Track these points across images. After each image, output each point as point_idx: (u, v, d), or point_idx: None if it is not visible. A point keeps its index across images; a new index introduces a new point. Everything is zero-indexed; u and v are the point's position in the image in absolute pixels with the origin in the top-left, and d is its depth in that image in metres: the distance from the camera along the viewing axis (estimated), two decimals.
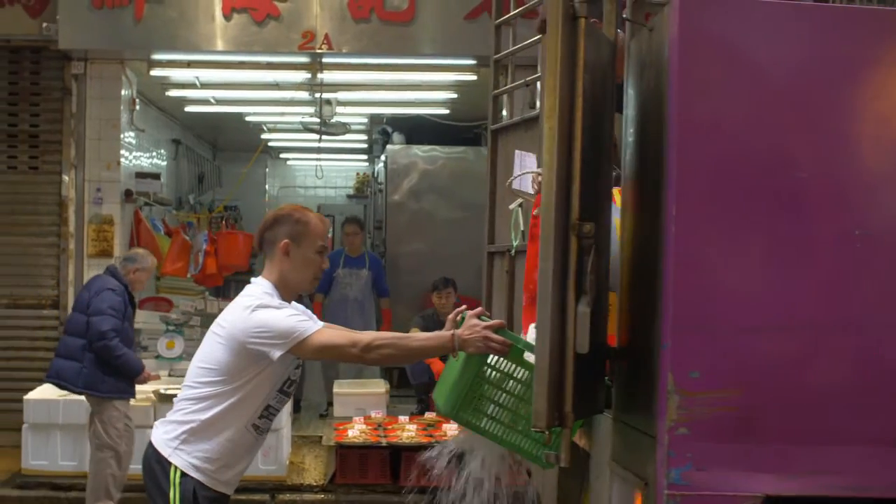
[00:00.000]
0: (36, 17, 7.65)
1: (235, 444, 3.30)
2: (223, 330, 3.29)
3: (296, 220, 3.37)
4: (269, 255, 3.39)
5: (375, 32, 7.66)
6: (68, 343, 6.01)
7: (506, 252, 4.45)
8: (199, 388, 3.29)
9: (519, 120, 4.51)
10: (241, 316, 3.24)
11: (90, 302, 5.96)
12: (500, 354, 3.18)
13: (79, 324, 5.99)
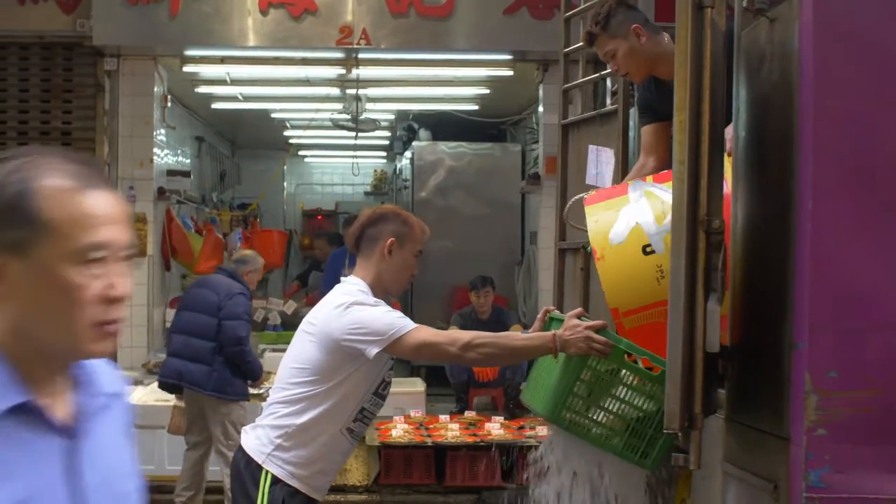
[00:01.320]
0: (70, 13, 7.55)
1: (330, 448, 3.21)
2: (315, 328, 3.20)
3: (402, 220, 3.30)
4: (365, 253, 3.31)
5: (413, 27, 7.58)
6: (194, 345, 5.87)
7: (580, 249, 4.37)
8: (291, 389, 3.19)
9: (594, 114, 4.42)
10: (336, 313, 3.16)
11: (222, 305, 5.88)
12: (602, 356, 3.11)
13: (206, 326, 5.88)
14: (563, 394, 3.20)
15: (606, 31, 3.58)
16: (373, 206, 3.46)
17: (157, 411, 6.68)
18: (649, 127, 3.69)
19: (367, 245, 3.28)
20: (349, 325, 3.11)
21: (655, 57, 3.58)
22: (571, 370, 3.19)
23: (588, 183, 4.39)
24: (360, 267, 3.32)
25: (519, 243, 10.41)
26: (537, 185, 8.09)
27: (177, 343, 5.95)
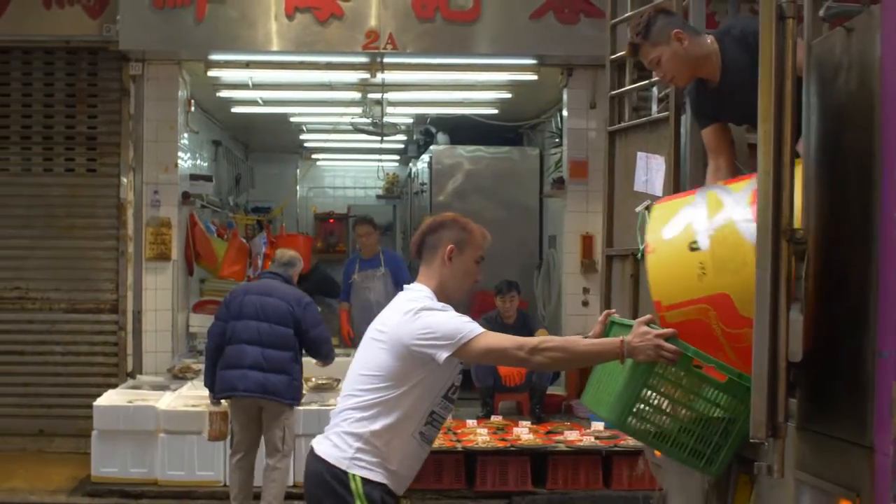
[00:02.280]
0: (96, 17, 7.56)
1: (404, 453, 3.22)
2: (385, 335, 3.21)
3: (461, 227, 3.31)
4: (427, 261, 3.34)
5: (439, 32, 7.59)
6: (271, 356, 5.81)
7: (629, 256, 4.37)
8: (363, 395, 3.21)
9: (644, 121, 4.42)
10: (405, 319, 3.17)
11: (299, 315, 5.90)
12: (670, 363, 3.12)
13: (283, 336, 5.86)
14: (630, 400, 3.20)
15: (648, 39, 3.58)
16: (437, 217, 3.44)
17: (188, 417, 6.68)
18: (709, 129, 3.70)
19: (429, 253, 3.31)
20: (419, 331, 3.12)
21: (699, 59, 3.59)
22: (638, 376, 3.19)
23: (636, 189, 4.40)
24: (423, 274, 3.35)
25: (537, 247, 10.41)
26: (562, 189, 8.10)
27: (252, 355, 5.81)
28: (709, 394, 3.22)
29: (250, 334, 5.90)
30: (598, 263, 7.96)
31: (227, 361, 5.88)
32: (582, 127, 8.05)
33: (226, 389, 5.86)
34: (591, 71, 8.00)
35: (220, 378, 5.89)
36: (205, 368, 6.09)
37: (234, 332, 5.91)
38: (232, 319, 5.96)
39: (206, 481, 6.69)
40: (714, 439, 3.27)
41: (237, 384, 5.81)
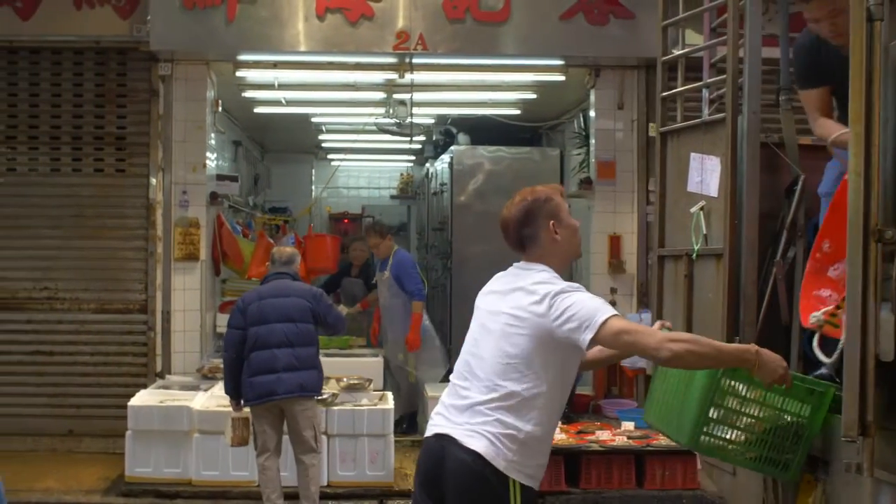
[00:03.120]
0: (126, 18, 7.55)
1: (546, 443, 3.23)
2: (522, 321, 3.13)
3: (544, 200, 3.33)
4: (533, 247, 3.30)
5: (469, 33, 7.59)
6: (302, 354, 5.95)
7: (682, 256, 4.39)
8: (509, 387, 3.12)
9: (699, 122, 4.44)
10: (545, 304, 3.09)
11: (315, 308, 6.05)
12: (788, 386, 3.12)
13: (309, 334, 6.02)
14: (700, 418, 3.25)
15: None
16: (508, 208, 3.42)
17: (220, 417, 6.67)
18: (820, 91, 3.77)
19: (532, 241, 3.30)
20: (562, 315, 3.05)
21: None
22: (706, 394, 3.21)
23: (690, 190, 4.41)
24: (537, 257, 3.29)
25: None
26: (589, 189, 8.10)
27: (284, 358, 5.89)
28: (775, 401, 3.25)
29: (278, 338, 5.96)
30: (626, 263, 8.04)
31: (258, 367, 5.91)
32: (609, 128, 8.06)
33: (263, 395, 5.89)
34: (618, 72, 8.02)
35: (251, 384, 5.92)
36: (225, 377, 6.11)
37: (259, 337, 5.96)
38: (252, 325, 6.00)
39: (241, 481, 6.70)
40: (786, 444, 3.31)
41: (275, 389, 5.86)
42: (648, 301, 7.96)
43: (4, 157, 7.82)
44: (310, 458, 6.06)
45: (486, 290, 3.46)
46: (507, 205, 3.42)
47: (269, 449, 6.03)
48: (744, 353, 3.04)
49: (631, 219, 8.03)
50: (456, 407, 3.22)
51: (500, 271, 3.81)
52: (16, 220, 7.83)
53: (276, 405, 5.94)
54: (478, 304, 3.45)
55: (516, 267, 3.35)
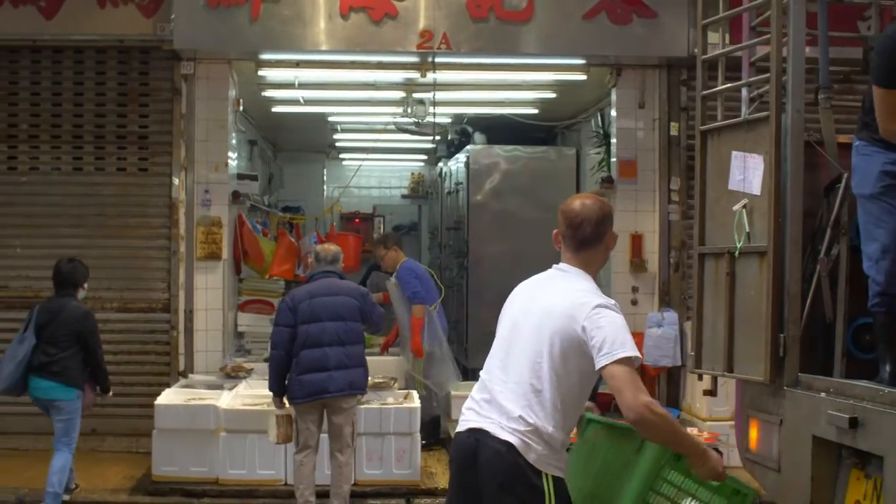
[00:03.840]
0: (150, 16, 7.56)
1: (567, 442, 3.23)
2: (559, 325, 3.13)
3: (611, 211, 3.37)
4: (591, 249, 3.30)
5: (493, 32, 7.60)
6: (352, 353, 5.99)
7: (724, 254, 4.40)
8: (536, 385, 3.14)
9: (742, 120, 4.45)
10: (583, 313, 3.09)
11: (363, 307, 6.10)
12: (722, 480, 3.17)
13: (357, 332, 6.08)
14: (637, 500, 3.33)
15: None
16: (585, 203, 3.32)
17: (249, 416, 6.69)
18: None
19: (594, 244, 3.29)
20: (595, 329, 3.06)
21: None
22: (647, 478, 3.32)
23: (731, 188, 4.42)
24: (579, 259, 3.30)
25: None
26: (610, 188, 8.11)
27: (335, 356, 5.92)
28: (704, 496, 3.25)
29: (330, 336, 5.99)
30: (648, 262, 8.05)
31: (309, 365, 5.92)
32: (630, 127, 8.08)
33: (315, 393, 5.92)
34: (639, 71, 8.04)
35: (300, 382, 5.93)
36: (271, 374, 6.10)
37: (311, 335, 5.97)
38: (302, 324, 6.00)
39: (268, 480, 6.70)
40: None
41: (327, 386, 5.89)
42: (670, 299, 7.99)
43: (27, 157, 7.83)
44: (346, 456, 6.09)
45: (522, 291, 3.45)
46: (576, 201, 3.34)
47: (310, 446, 6.05)
48: (699, 444, 3.12)
49: (652, 217, 8.04)
50: (487, 401, 3.25)
51: (518, 269, 3.90)
52: (39, 220, 7.83)
53: (321, 402, 5.95)
54: (512, 302, 3.44)
55: (558, 269, 3.35)
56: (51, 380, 6.20)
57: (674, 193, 7.97)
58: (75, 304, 6.34)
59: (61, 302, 6.32)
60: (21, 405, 7.67)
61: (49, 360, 6.18)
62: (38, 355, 6.20)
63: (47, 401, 6.25)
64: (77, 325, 6.21)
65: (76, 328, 6.21)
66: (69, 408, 6.24)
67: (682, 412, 7.72)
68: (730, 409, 7.39)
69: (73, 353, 6.21)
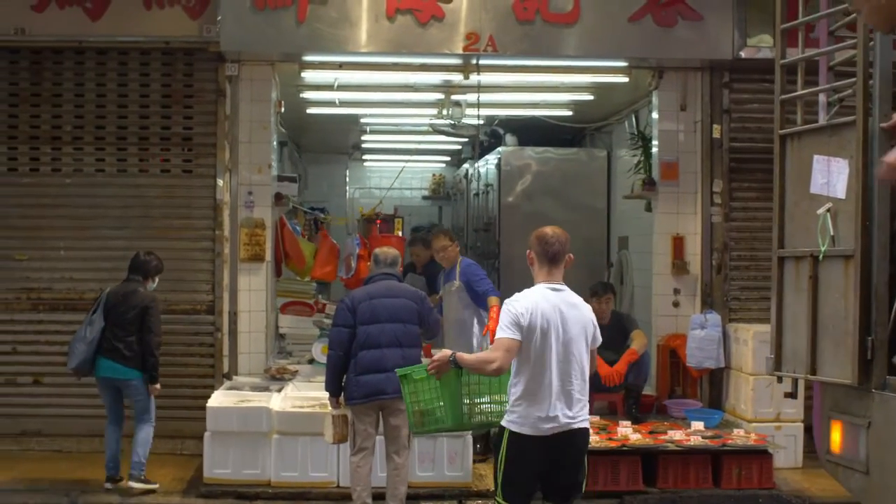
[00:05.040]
0: (196, 18, 7.54)
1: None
2: (587, 330, 4.58)
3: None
4: (560, 267, 4.58)
5: (538, 34, 7.61)
6: (410, 355, 6.00)
7: (806, 257, 4.42)
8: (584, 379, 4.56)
9: (825, 125, 4.47)
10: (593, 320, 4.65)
11: (421, 310, 6.14)
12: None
13: (415, 335, 6.11)
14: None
15: None
16: (561, 233, 4.62)
17: (302, 418, 6.69)
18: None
19: (561, 261, 4.58)
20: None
21: None
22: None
23: (813, 192, 4.45)
24: (560, 276, 4.58)
25: (605, 248, 10.47)
26: (652, 190, 8.13)
27: (393, 358, 5.91)
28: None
29: (389, 338, 6.00)
30: (690, 265, 8.06)
31: (368, 366, 5.93)
32: (672, 129, 8.09)
33: (373, 394, 5.91)
34: (681, 73, 8.06)
35: (358, 383, 5.94)
36: (328, 374, 6.09)
37: (370, 336, 5.97)
38: (362, 325, 6.01)
39: (320, 482, 6.71)
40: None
41: (385, 388, 5.89)
42: (712, 301, 8.01)
43: (71, 158, 7.82)
44: (402, 458, 6.09)
45: (550, 305, 4.47)
46: (553, 230, 4.62)
47: (367, 447, 6.04)
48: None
49: (694, 220, 8.06)
50: (571, 401, 4.47)
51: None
52: (82, 221, 7.82)
53: (377, 404, 5.96)
54: (548, 317, 4.43)
55: (558, 285, 4.55)
56: (118, 362, 6.61)
57: (716, 196, 7.99)
58: (142, 290, 6.73)
59: (129, 287, 6.75)
60: (65, 407, 7.76)
61: (116, 342, 6.60)
62: (106, 337, 6.61)
63: (116, 380, 6.68)
64: (141, 310, 6.60)
65: (140, 313, 6.60)
66: (140, 386, 6.68)
67: (726, 413, 7.73)
68: (774, 410, 7.45)
69: (139, 338, 6.62)
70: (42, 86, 7.79)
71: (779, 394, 7.37)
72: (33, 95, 7.80)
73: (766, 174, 7.90)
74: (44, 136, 7.81)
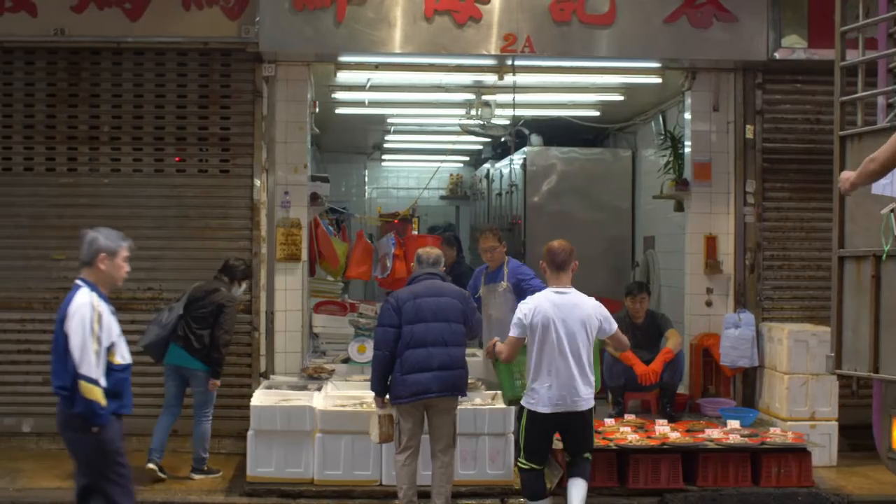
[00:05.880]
0: (235, 19, 7.57)
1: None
2: (593, 325, 5.76)
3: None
4: (566, 274, 5.83)
5: (575, 35, 7.66)
6: (455, 354, 6.04)
7: (868, 257, 4.47)
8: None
9: (886, 126, 4.52)
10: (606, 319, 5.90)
11: (466, 309, 6.19)
12: None
13: (460, 334, 6.15)
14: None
15: None
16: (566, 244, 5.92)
17: (344, 417, 6.72)
18: None
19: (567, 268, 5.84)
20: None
21: None
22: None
23: (875, 193, 4.50)
24: (567, 281, 5.81)
25: (629, 248, 10.52)
26: (685, 190, 8.18)
27: (439, 357, 5.97)
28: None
29: (434, 337, 6.03)
30: (723, 264, 8.11)
31: (414, 365, 5.96)
32: (705, 129, 8.14)
33: (419, 392, 5.95)
34: (713, 74, 8.11)
35: (404, 382, 5.97)
36: (374, 374, 6.12)
37: (415, 335, 6.00)
38: (407, 324, 6.04)
39: (363, 481, 6.73)
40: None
41: (430, 387, 5.93)
42: (745, 301, 8.06)
43: (108, 158, 7.84)
44: (448, 457, 6.13)
45: (552, 305, 5.74)
46: (560, 243, 5.94)
47: (412, 446, 6.08)
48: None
49: (727, 220, 8.11)
50: (574, 382, 5.69)
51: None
52: (120, 221, 7.71)
53: (423, 403, 6.00)
54: (549, 315, 5.70)
55: (564, 289, 5.79)
56: (186, 350, 6.92)
57: (749, 196, 8.04)
58: (224, 290, 7.06)
59: (214, 285, 7.10)
60: None
61: (189, 333, 6.92)
62: (181, 326, 6.96)
63: (183, 368, 6.97)
64: (217, 307, 6.92)
65: (216, 310, 6.92)
66: (204, 379, 6.95)
67: (760, 412, 7.79)
68: (809, 409, 7.51)
69: (210, 333, 6.92)
70: (80, 86, 7.81)
71: (814, 392, 7.48)
72: (71, 96, 7.82)
73: (799, 174, 8.08)
74: (81, 136, 7.83)
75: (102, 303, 4.69)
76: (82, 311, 4.57)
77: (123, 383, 4.75)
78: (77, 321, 4.55)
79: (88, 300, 4.62)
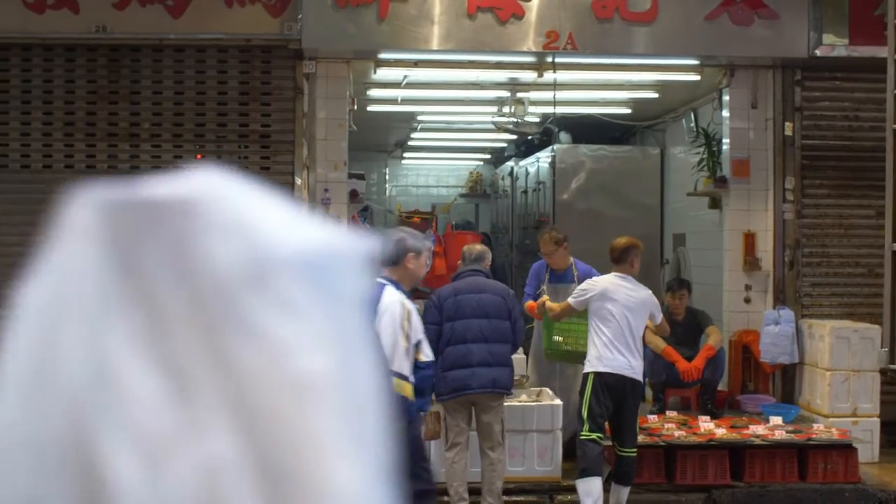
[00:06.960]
0: (277, 16, 7.55)
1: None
2: (646, 308, 6.23)
3: None
4: (623, 266, 6.22)
5: (616, 32, 7.65)
6: (497, 351, 6.01)
7: None
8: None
9: None
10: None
11: (511, 307, 6.14)
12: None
13: (504, 331, 6.08)
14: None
15: None
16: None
17: None
18: None
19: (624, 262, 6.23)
20: None
21: None
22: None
23: None
24: (626, 271, 6.24)
25: (658, 245, 10.52)
26: (724, 187, 8.19)
27: (479, 353, 5.95)
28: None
29: (474, 333, 6.01)
30: (762, 261, 8.13)
31: (454, 362, 5.96)
32: (743, 126, 8.16)
33: (458, 389, 5.96)
34: (752, 71, 8.12)
35: (445, 379, 5.96)
36: None
37: (455, 332, 6.00)
38: (448, 321, 6.04)
39: None
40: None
41: (469, 383, 5.93)
42: (784, 297, 8.08)
43: (149, 155, 7.81)
44: (497, 454, 6.13)
45: (613, 285, 6.18)
46: (618, 241, 6.47)
47: (460, 443, 6.09)
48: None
49: (765, 217, 8.12)
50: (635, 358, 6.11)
51: (604, 267, 6.24)
52: None
53: (468, 400, 6.01)
54: (609, 292, 6.13)
55: (624, 276, 6.24)
56: None
57: (788, 193, 8.06)
58: None
59: None
60: None
61: None
62: None
63: None
64: None
65: None
66: None
67: (801, 408, 7.80)
68: (851, 405, 7.53)
69: None
70: (120, 83, 7.78)
71: (855, 389, 7.49)
72: (111, 93, 7.79)
73: (838, 171, 8.10)
74: (122, 133, 7.80)
75: (409, 301, 4.84)
76: (393, 308, 4.68)
77: (427, 380, 4.88)
78: (388, 319, 4.65)
79: (398, 298, 4.76)
